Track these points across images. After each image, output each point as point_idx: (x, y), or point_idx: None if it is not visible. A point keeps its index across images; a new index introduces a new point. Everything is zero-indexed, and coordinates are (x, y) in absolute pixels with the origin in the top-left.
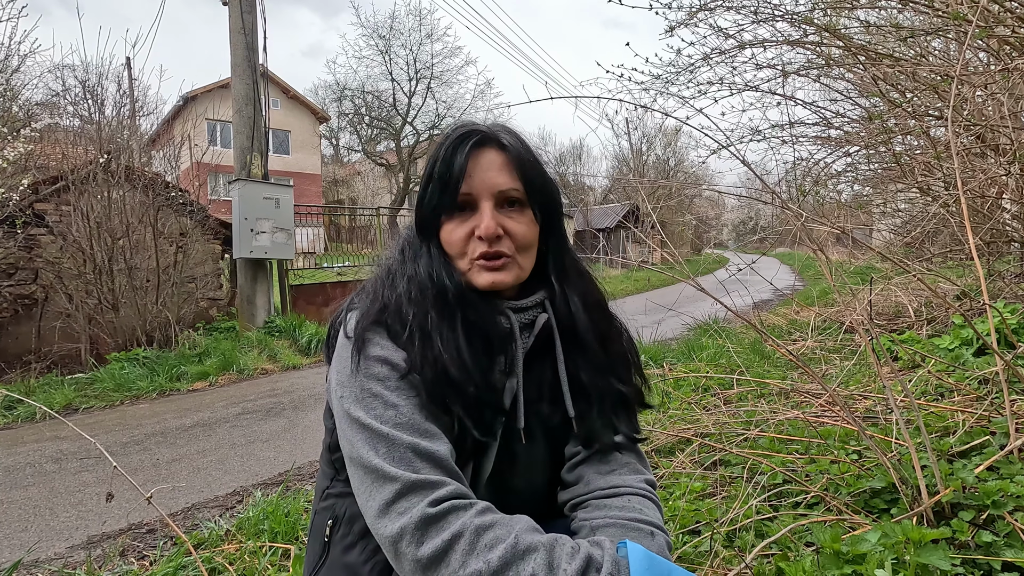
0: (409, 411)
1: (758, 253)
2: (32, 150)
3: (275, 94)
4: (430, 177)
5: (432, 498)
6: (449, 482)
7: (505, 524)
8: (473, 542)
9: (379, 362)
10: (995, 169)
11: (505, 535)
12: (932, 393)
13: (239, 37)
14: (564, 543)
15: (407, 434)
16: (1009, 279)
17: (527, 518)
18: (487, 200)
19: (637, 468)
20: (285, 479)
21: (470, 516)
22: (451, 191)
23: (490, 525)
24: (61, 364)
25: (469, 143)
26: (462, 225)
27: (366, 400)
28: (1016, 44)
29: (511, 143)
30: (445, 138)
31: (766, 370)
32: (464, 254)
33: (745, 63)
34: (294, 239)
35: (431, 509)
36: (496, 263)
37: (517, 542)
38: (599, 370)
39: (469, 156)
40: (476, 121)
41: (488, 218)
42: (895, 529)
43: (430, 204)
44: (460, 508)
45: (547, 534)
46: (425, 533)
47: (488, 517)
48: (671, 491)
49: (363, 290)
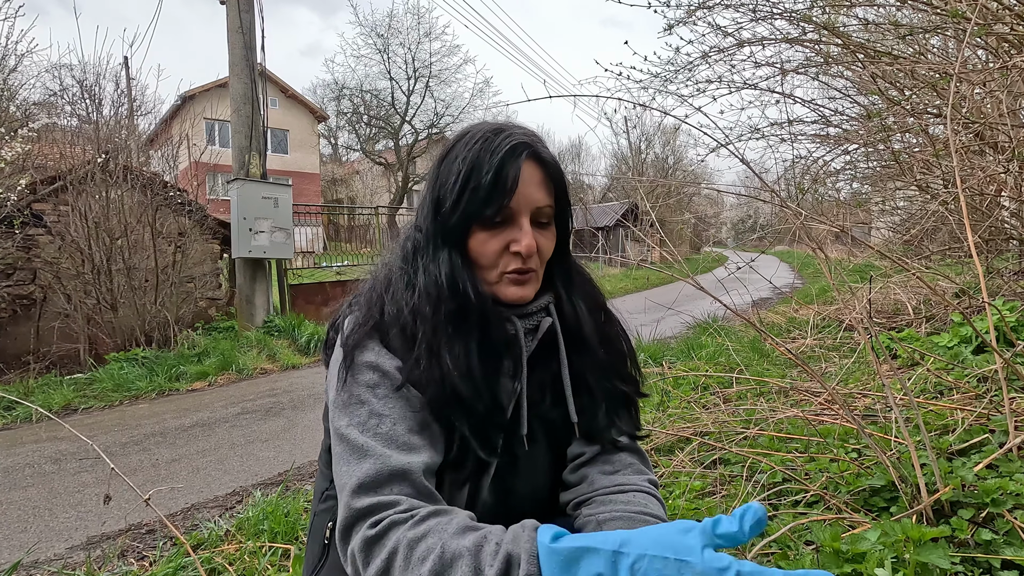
0: (392, 422)
1: (757, 251)
2: (30, 150)
3: (273, 93)
4: (468, 181)
5: (376, 518)
6: (401, 500)
7: (437, 532)
8: (407, 557)
9: (370, 368)
10: (994, 167)
11: (435, 544)
12: (931, 391)
13: (237, 36)
14: (489, 542)
15: (382, 445)
16: (1008, 277)
17: (462, 516)
18: (526, 216)
19: (640, 469)
20: (285, 479)
21: (404, 530)
22: (496, 202)
23: (422, 536)
24: (60, 364)
25: (522, 155)
26: (496, 237)
27: (351, 407)
28: (1015, 41)
29: (550, 159)
30: (487, 142)
31: (765, 368)
32: (495, 267)
33: (744, 61)
34: (293, 238)
35: (371, 531)
36: (525, 277)
37: (443, 552)
38: (603, 371)
39: (520, 169)
40: (513, 126)
41: (529, 236)
42: (895, 527)
43: (466, 210)
44: (398, 523)
45: (476, 532)
46: (369, 554)
47: (421, 528)
48: (671, 490)
49: (360, 293)
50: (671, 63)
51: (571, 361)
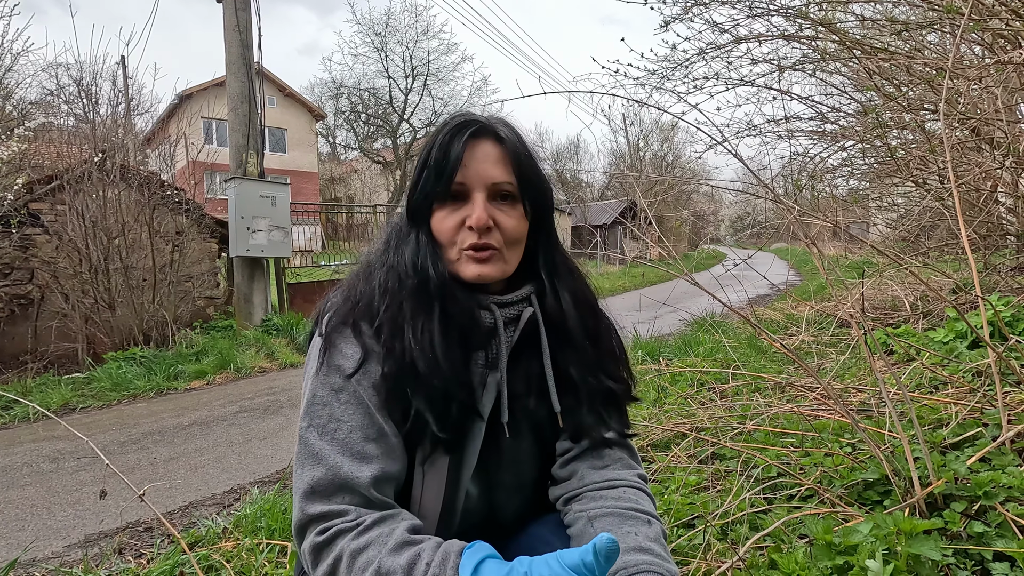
0: (348, 429)
1: (754, 248)
2: (26, 149)
3: (271, 92)
4: (425, 163)
5: (324, 525)
6: (348, 510)
7: (376, 544)
8: (349, 566)
9: (337, 371)
10: (990, 162)
11: (374, 557)
12: (926, 386)
13: (233, 35)
14: (420, 563)
15: (336, 453)
16: (1005, 272)
17: (402, 528)
18: (480, 191)
19: (629, 464)
20: (283, 476)
21: (348, 540)
22: (445, 179)
23: (363, 548)
24: (58, 364)
25: (467, 132)
26: (453, 214)
27: (313, 408)
28: (1010, 37)
29: (508, 136)
30: (443, 125)
31: (762, 364)
32: (454, 243)
33: (740, 58)
34: (291, 237)
35: (319, 538)
36: (483, 255)
37: (379, 567)
38: (588, 366)
39: (466, 145)
40: (475, 112)
41: (480, 209)
42: (887, 520)
43: (423, 190)
44: (344, 531)
45: (412, 550)
46: (317, 558)
47: (364, 538)
48: (666, 485)
49: (341, 286)
50: (668, 60)
51: (555, 355)
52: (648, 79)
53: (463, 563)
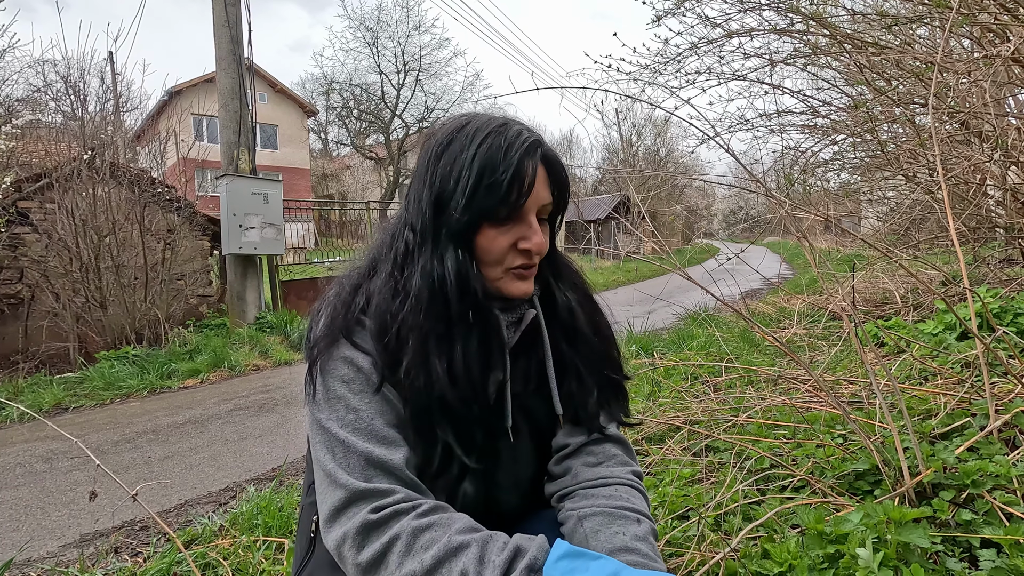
0: (369, 416)
1: (747, 242)
2: (14, 147)
3: (262, 88)
4: (481, 179)
5: (375, 505)
6: (398, 490)
7: (443, 524)
8: (410, 544)
9: (345, 363)
10: (978, 156)
11: (441, 535)
12: (916, 377)
13: (223, 30)
14: (497, 539)
15: (363, 440)
16: (993, 264)
17: (466, 517)
18: (533, 213)
19: (624, 460)
20: (278, 474)
21: (409, 519)
22: (513, 201)
23: (427, 527)
24: (49, 364)
25: (538, 153)
26: (506, 234)
27: (330, 402)
28: (998, 31)
29: (555, 157)
30: (499, 138)
31: (755, 357)
32: (500, 263)
33: (732, 52)
34: (284, 234)
35: (372, 516)
36: (529, 273)
37: (450, 541)
38: (596, 360)
39: (537, 167)
40: (515, 121)
41: (539, 235)
42: (877, 509)
43: (479, 208)
44: (402, 512)
45: (482, 532)
46: (366, 538)
47: (426, 519)
48: (660, 478)
49: (339, 286)
50: (660, 54)
51: (563, 351)
52: (640, 74)
53: (558, 542)
